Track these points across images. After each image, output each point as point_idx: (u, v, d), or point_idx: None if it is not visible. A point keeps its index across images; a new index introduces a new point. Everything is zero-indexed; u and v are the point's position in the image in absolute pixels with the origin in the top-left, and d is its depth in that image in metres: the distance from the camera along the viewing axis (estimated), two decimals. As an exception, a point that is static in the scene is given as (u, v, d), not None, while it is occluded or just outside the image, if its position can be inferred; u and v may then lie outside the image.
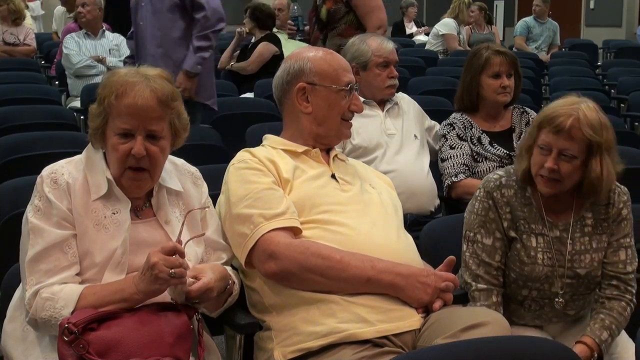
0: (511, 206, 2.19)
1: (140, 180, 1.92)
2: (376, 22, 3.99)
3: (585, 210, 2.20)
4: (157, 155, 1.91)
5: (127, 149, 1.88)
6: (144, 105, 1.87)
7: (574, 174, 2.11)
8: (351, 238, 2.05)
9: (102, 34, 5.72)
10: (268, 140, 2.31)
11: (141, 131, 1.88)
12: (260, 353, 2.05)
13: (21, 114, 4.21)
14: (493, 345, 1.61)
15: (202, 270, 1.89)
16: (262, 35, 5.95)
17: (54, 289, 1.80)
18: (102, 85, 1.93)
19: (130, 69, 1.96)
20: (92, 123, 1.93)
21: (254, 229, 2.02)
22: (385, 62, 3.18)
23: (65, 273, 1.83)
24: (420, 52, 8.09)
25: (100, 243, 1.87)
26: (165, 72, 1.99)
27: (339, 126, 2.26)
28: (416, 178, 3.09)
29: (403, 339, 1.94)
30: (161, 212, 1.98)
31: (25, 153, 3.31)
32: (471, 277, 2.21)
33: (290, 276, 1.99)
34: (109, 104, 1.88)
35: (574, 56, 8.46)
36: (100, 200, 1.90)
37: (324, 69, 2.24)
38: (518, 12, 13.86)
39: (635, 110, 5.68)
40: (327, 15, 4.03)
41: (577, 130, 2.06)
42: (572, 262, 2.17)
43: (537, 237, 2.18)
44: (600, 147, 2.08)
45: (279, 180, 2.13)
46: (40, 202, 1.87)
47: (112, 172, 1.92)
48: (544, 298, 2.20)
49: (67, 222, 1.86)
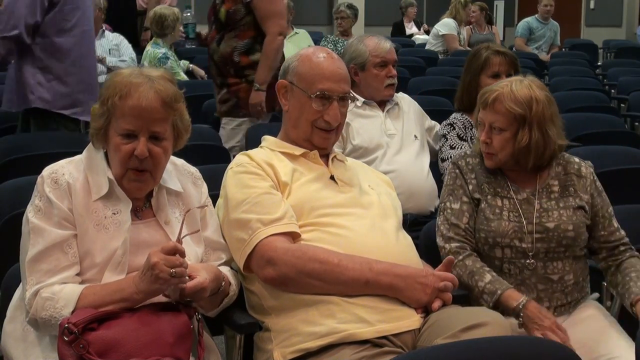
0: (476, 172, 2.34)
1: (142, 182, 1.92)
2: (276, 28, 3.85)
3: (551, 179, 2.33)
4: (160, 156, 1.91)
5: (130, 149, 1.88)
6: (148, 107, 1.87)
7: (506, 146, 2.27)
8: (350, 240, 2.05)
9: (101, 34, 5.72)
10: (266, 141, 2.31)
11: (144, 132, 1.88)
12: (260, 353, 2.05)
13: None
14: (493, 346, 1.61)
15: (196, 270, 1.88)
16: (262, 35, 5.94)
17: (54, 289, 1.80)
18: (106, 86, 1.93)
19: (133, 70, 1.95)
20: (95, 123, 1.92)
21: (252, 234, 2.02)
22: (383, 62, 3.18)
23: (66, 273, 1.83)
24: (420, 52, 8.09)
25: (100, 243, 1.87)
26: (168, 73, 1.99)
27: (311, 132, 2.23)
28: (416, 178, 3.09)
29: (403, 339, 1.95)
30: (161, 213, 1.98)
31: (25, 153, 3.31)
32: (443, 240, 2.31)
33: (289, 281, 1.99)
34: (112, 104, 1.88)
35: (574, 56, 8.46)
36: (101, 201, 1.90)
37: (304, 71, 2.24)
38: (518, 12, 13.88)
39: (635, 110, 5.67)
40: (225, 16, 3.90)
41: (499, 103, 2.25)
42: (540, 218, 2.26)
43: (503, 199, 2.30)
44: (525, 120, 2.24)
45: (278, 184, 2.13)
46: (41, 202, 1.87)
47: (113, 172, 1.92)
48: (519, 258, 2.25)
49: (68, 222, 1.86)
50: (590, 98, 5.50)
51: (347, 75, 2.30)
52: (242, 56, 3.89)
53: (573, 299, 2.30)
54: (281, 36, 3.89)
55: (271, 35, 3.84)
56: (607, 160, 3.42)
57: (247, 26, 3.87)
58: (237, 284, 2.07)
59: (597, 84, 6.61)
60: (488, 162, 2.32)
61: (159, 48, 5.63)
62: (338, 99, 2.23)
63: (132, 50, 5.82)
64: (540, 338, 1.99)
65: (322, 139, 2.24)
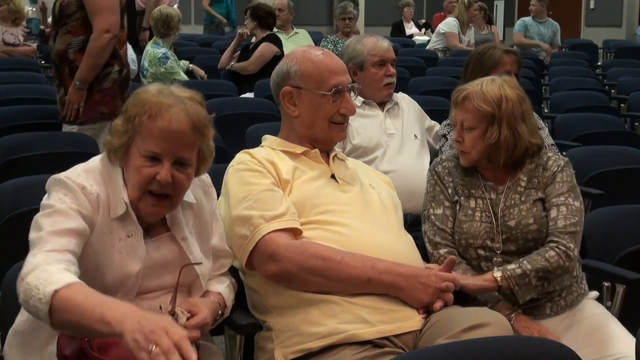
0: (452, 175, 2.38)
1: (161, 207, 1.83)
2: (104, 24, 3.55)
3: (522, 174, 2.34)
4: (184, 183, 1.83)
5: (152, 173, 1.78)
6: (178, 130, 1.77)
7: (476, 144, 2.30)
8: (351, 238, 2.05)
9: (102, 34, 5.71)
10: (267, 140, 2.30)
11: (170, 157, 1.78)
12: (260, 353, 2.05)
13: (21, 114, 4.20)
14: (494, 346, 1.61)
15: (197, 305, 1.83)
16: (263, 36, 5.96)
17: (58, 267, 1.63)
18: (132, 102, 1.82)
19: (162, 88, 1.84)
20: (116, 140, 1.81)
21: (254, 230, 2.01)
22: (382, 61, 3.18)
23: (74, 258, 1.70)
24: (420, 52, 8.10)
25: (114, 266, 1.79)
26: (198, 94, 1.88)
27: (329, 130, 2.23)
28: (416, 178, 3.08)
29: (404, 340, 1.94)
30: (177, 228, 1.90)
31: (25, 153, 3.31)
32: (431, 246, 2.32)
33: (291, 277, 1.98)
34: (139, 122, 1.77)
35: (574, 56, 8.46)
36: (117, 221, 1.82)
37: (309, 72, 2.22)
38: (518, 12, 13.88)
39: (635, 110, 5.68)
40: (59, 10, 3.65)
41: (468, 102, 2.30)
42: (503, 218, 2.28)
43: (477, 200, 2.33)
44: (494, 118, 2.27)
45: (279, 182, 2.13)
46: (67, 196, 1.76)
47: (130, 193, 1.82)
48: (494, 257, 2.26)
49: (86, 221, 1.76)
50: (590, 98, 5.50)
51: (346, 67, 2.34)
52: (77, 54, 3.62)
53: (570, 298, 2.30)
54: (108, 34, 3.57)
55: (97, 32, 3.56)
56: (607, 160, 3.42)
57: (80, 21, 3.62)
58: (232, 299, 2.03)
59: (597, 84, 6.61)
60: (462, 160, 2.35)
61: (159, 48, 5.63)
62: (348, 90, 2.24)
63: (132, 51, 5.80)
64: (541, 338, 1.99)
65: (339, 132, 2.26)
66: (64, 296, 1.55)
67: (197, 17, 12.74)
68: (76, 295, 1.55)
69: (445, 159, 2.44)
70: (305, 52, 2.28)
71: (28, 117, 4.17)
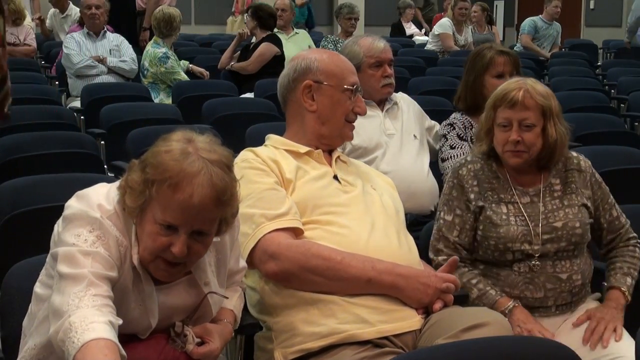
0: (478, 179, 2.33)
1: (173, 273, 1.69)
2: None
3: (553, 177, 2.33)
4: (200, 252, 1.67)
5: (167, 243, 1.61)
6: (200, 205, 1.58)
7: (537, 141, 2.27)
8: (352, 239, 2.05)
9: (103, 34, 5.72)
10: (271, 140, 2.31)
11: (188, 228, 1.61)
12: (260, 353, 2.05)
13: (21, 114, 4.21)
14: (494, 346, 1.61)
15: (211, 334, 1.75)
16: (263, 36, 5.96)
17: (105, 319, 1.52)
18: (152, 163, 1.60)
19: (187, 147, 1.61)
20: (130, 200, 1.62)
21: (256, 228, 2.01)
22: (378, 62, 3.14)
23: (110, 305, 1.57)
24: (420, 52, 8.10)
25: (131, 314, 1.67)
26: (226, 154, 1.66)
27: (342, 127, 2.27)
28: (416, 178, 3.08)
29: (403, 340, 1.95)
30: (200, 273, 1.77)
31: (25, 153, 3.31)
32: (433, 252, 2.33)
33: (291, 277, 1.98)
34: (157, 190, 1.58)
35: (574, 56, 8.46)
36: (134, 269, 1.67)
37: (331, 68, 2.26)
38: (518, 12, 13.88)
39: (635, 110, 5.67)
40: None
41: (529, 99, 2.25)
42: (547, 219, 2.27)
43: (507, 205, 2.30)
44: (552, 113, 2.27)
45: (282, 181, 2.13)
46: (98, 242, 1.60)
47: (140, 252, 1.65)
48: (528, 260, 2.26)
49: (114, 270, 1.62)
50: (590, 98, 5.50)
51: None
52: None
53: (576, 299, 2.31)
54: None
55: None
56: (607, 160, 3.41)
57: None
58: (241, 308, 1.98)
59: (597, 84, 6.61)
60: (516, 159, 2.27)
61: (160, 47, 5.63)
62: (360, 92, 2.30)
63: (132, 51, 5.82)
64: (541, 338, 1.99)
65: (350, 131, 2.31)
66: (88, 350, 1.46)
67: (197, 17, 12.74)
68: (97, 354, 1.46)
69: (470, 160, 2.37)
70: (318, 53, 2.34)
71: (28, 117, 4.18)
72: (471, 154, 2.41)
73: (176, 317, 1.76)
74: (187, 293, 1.76)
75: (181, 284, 1.76)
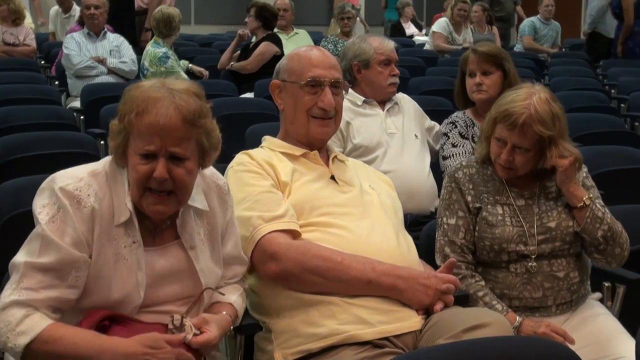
0: (473, 182, 2.34)
1: (164, 205, 1.76)
2: None
3: (548, 181, 2.34)
4: (182, 177, 1.75)
5: (148, 171, 1.72)
6: (166, 125, 1.69)
7: (528, 163, 2.27)
8: (351, 240, 2.05)
9: (103, 35, 5.73)
10: (267, 141, 2.31)
11: (163, 153, 1.71)
12: (260, 354, 2.04)
13: (21, 114, 4.21)
14: (494, 346, 1.61)
15: (208, 323, 1.77)
16: (263, 35, 5.95)
17: (22, 313, 1.66)
18: (123, 101, 1.76)
19: (155, 82, 1.77)
20: (113, 141, 1.76)
21: (254, 231, 2.01)
22: (387, 60, 3.22)
23: (54, 293, 1.69)
24: (420, 52, 8.10)
25: (120, 278, 1.74)
26: (194, 85, 1.81)
27: (307, 123, 2.23)
28: (417, 178, 3.09)
29: (404, 340, 1.94)
30: (187, 235, 1.84)
31: (25, 153, 3.31)
32: (441, 258, 2.31)
33: (291, 277, 1.98)
34: (129, 121, 1.71)
35: (574, 56, 8.46)
36: (122, 227, 1.76)
37: (291, 65, 2.26)
38: (518, 13, 13.85)
39: (635, 110, 5.67)
40: None
41: (528, 127, 2.21)
42: (541, 220, 2.28)
43: (503, 206, 2.30)
44: (552, 139, 2.24)
45: (278, 184, 2.13)
46: (58, 214, 1.71)
47: (132, 195, 1.76)
48: (524, 260, 2.26)
49: (81, 245, 1.72)
50: (590, 98, 5.50)
51: (337, 65, 2.30)
52: None
53: (576, 297, 2.31)
54: None
55: None
56: (607, 160, 3.42)
57: None
58: (244, 307, 2.01)
59: (597, 84, 6.60)
60: (503, 174, 2.30)
61: (160, 47, 5.63)
62: (330, 85, 2.23)
63: (132, 52, 5.82)
64: (541, 338, 1.99)
65: (319, 127, 2.23)
66: (36, 347, 1.64)
67: (197, 17, 12.74)
68: (54, 341, 1.65)
69: (465, 165, 2.39)
70: (300, 49, 2.33)
71: (28, 117, 4.18)
72: (466, 160, 2.43)
73: (165, 289, 1.77)
74: (175, 257, 1.83)
75: (169, 248, 1.83)
